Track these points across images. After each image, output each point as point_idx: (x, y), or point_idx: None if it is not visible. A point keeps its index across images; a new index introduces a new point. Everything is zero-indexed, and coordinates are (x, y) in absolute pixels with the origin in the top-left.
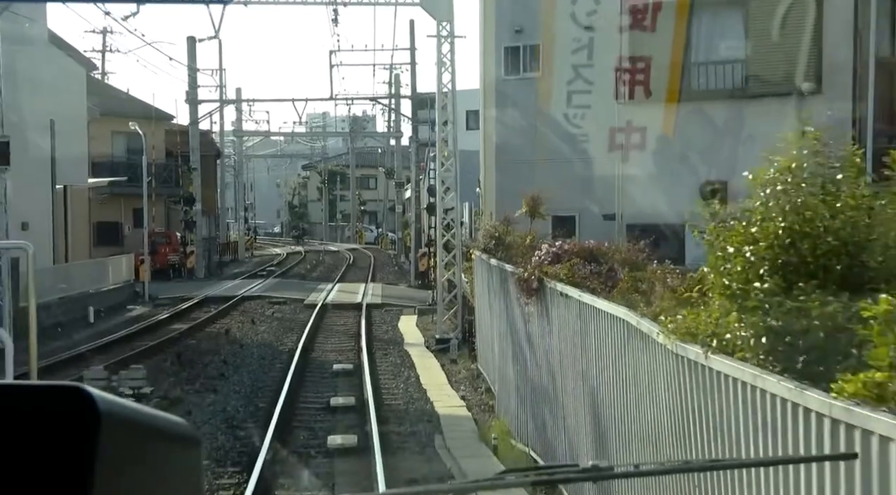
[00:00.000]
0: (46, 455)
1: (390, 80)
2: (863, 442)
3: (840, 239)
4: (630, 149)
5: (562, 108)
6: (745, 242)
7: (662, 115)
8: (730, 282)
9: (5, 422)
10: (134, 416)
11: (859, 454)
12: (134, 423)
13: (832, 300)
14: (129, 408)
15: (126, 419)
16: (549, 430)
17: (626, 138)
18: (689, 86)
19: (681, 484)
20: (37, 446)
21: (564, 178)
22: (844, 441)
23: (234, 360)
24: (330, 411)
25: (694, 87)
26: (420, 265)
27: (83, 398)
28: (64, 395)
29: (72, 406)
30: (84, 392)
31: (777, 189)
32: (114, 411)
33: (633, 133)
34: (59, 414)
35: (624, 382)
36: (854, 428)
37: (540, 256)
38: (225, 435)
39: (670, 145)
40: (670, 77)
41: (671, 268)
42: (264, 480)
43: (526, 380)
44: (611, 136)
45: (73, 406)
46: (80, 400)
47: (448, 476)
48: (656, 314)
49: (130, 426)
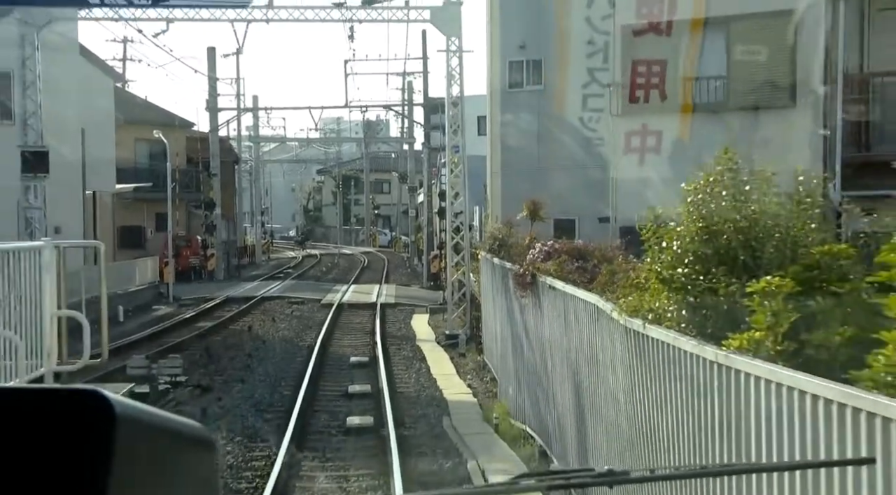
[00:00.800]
0: (63, 457)
1: (403, 87)
2: (736, 378)
3: (744, 235)
4: (622, 158)
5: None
6: (673, 238)
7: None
8: (661, 269)
9: (24, 425)
10: (150, 420)
11: (876, 457)
12: (150, 427)
13: (735, 281)
14: (146, 412)
15: (142, 423)
16: (541, 408)
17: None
18: (676, 101)
19: (696, 486)
20: (54, 448)
21: (565, 185)
22: (724, 378)
23: (258, 354)
24: (348, 397)
25: (681, 101)
26: (432, 267)
27: (100, 401)
28: (81, 398)
29: (89, 409)
30: (101, 395)
31: (698, 197)
32: (130, 415)
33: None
34: (76, 416)
35: (594, 355)
36: (731, 369)
37: (534, 254)
38: (254, 418)
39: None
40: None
41: (634, 262)
42: (291, 454)
43: (523, 365)
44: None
45: (91, 409)
46: (97, 404)
47: (453, 448)
48: (616, 298)
49: (146, 430)
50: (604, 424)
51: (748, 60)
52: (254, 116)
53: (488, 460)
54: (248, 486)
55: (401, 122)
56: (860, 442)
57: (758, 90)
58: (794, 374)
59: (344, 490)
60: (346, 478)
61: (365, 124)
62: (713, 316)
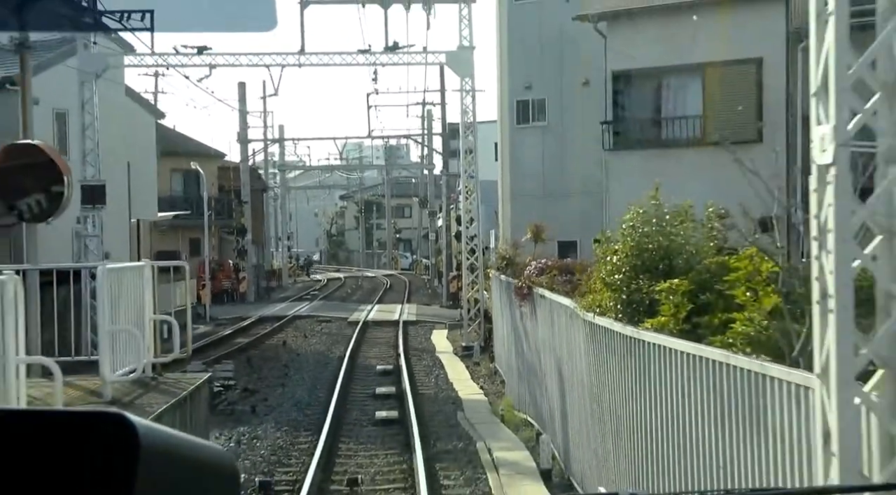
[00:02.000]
0: (87, 481)
1: (423, 115)
2: (640, 346)
3: (663, 251)
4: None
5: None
6: (613, 253)
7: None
8: (605, 276)
9: (48, 448)
10: (174, 446)
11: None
12: (174, 453)
13: (654, 284)
14: (170, 437)
15: (166, 448)
16: (537, 398)
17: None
18: (657, 137)
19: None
20: (78, 472)
21: (568, 210)
22: (637, 347)
23: (294, 364)
24: (375, 397)
25: (663, 137)
26: (451, 287)
27: (125, 426)
28: (106, 423)
29: (113, 433)
30: (125, 420)
31: (630, 225)
32: (154, 440)
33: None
34: (100, 440)
35: (568, 347)
36: (641, 341)
37: (530, 270)
38: (297, 412)
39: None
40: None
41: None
42: (330, 439)
43: (523, 364)
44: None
45: (115, 433)
46: (122, 428)
47: (465, 434)
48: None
49: (170, 455)
50: (580, 405)
51: (721, 101)
52: (279, 146)
53: (493, 441)
54: (297, 462)
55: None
56: (710, 378)
57: (729, 127)
58: (677, 341)
59: (374, 465)
60: (374, 459)
61: (386, 151)
62: (637, 307)
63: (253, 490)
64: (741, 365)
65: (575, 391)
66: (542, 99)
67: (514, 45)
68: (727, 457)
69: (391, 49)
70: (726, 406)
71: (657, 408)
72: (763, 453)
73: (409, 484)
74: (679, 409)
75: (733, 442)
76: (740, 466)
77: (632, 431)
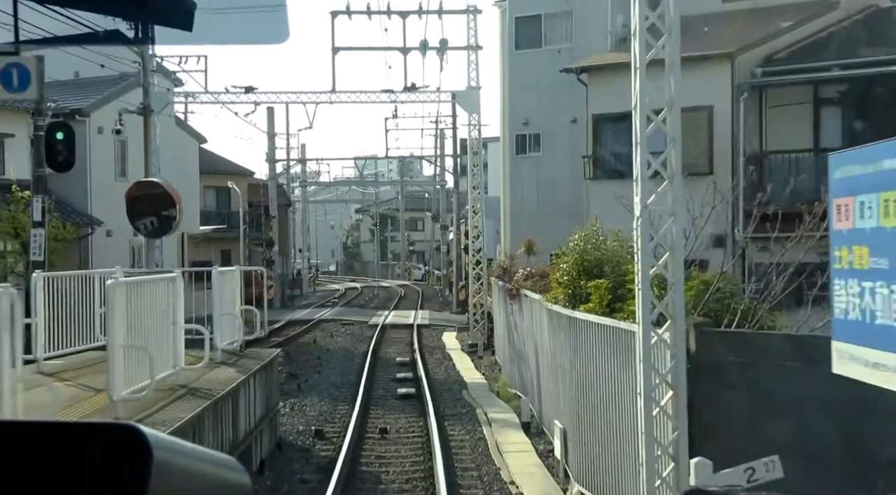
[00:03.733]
0: (99, 493)
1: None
2: (574, 322)
3: (598, 261)
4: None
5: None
6: (563, 263)
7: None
8: (559, 278)
9: (61, 460)
10: (186, 457)
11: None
12: (186, 464)
13: (590, 283)
14: (182, 449)
15: (178, 460)
16: (523, 375)
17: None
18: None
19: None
20: (90, 483)
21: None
22: (573, 323)
23: (326, 357)
24: (396, 380)
25: None
26: (460, 295)
27: (137, 438)
28: (119, 434)
29: (126, 445)
30: (138, 431)
31: (574, 243)
32: (166, 451)
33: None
34: (113, 452)
35: (539, 328)
36: (575, 319)
37: (518, 276)
38: (335, 390)
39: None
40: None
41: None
42: (363, 407)
43: (514, 350)
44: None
45: (127, 445)
46: (134, 440)
47: (467, 404)
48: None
49: (182, 467)
50: (548, 372)
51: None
52: (301, 165)
53: (489, 408)
54: (339, 425)
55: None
56: (605, 335)
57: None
58: (590, 315)
59: (398, 423)
60: (397, 420)
61: (400, 168)
62: (577, 298)
63: (310, 436)
64: (615, 325)
65: (544, 361)
66: (538, 133)
67: (514, 87)
68: (614, 374)
69: (410, 89)
70: (612, 347)
71: (581, 359)
72: (626, 367)
73: (424, 434)
74: (592, 355)
75: (616, 366)
76: (620, 377)
77: (569, 378)
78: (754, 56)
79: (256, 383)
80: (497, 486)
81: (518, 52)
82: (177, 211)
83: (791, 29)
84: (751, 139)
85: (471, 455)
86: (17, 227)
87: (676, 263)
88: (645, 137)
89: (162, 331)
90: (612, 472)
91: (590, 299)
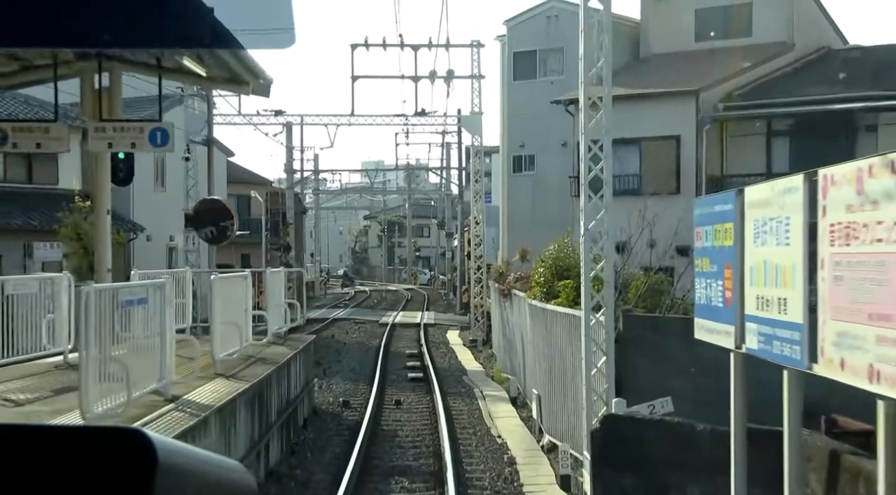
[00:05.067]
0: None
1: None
2: (546, 312)
3: (567, 266)
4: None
5: (548, 194)
6: (540, 267)
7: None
8: (537, 279)
9: (65, 464)
10: (191, 462)
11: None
12: (191, 470)
13: (559, 282)
14: (188, 454)
15: (184, 465)
16: (513, 360)
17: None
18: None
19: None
20: (95, 487)
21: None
22: (545, 313)
23: (344, 349)
24: (406, 368)
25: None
26: (463, 298)
27: (142, 441)
28: (124, 439)
29: (131, 450)
30: (143, 436)
31: (550, 252)
32: (171, 457)
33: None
34: (117, 457)
35: (523, 320)
36: (546, 309)
37: (510, 279)
38: (354, 374)
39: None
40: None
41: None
42: (380, 386)
43: (506, 341)
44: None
45: (132, 449)
46: (139, 444)
47: (466, 385)
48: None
49: (188, 472)
50: (535, 362)
51: (652, 163)
52: (314, 176)
53: (484, 388)
54: (361, 399)
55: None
56: (563, 320)
57: (657, 182)
58: (556, 307)
59: (409, 398)
60: (409, 395)
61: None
62: (550, 295)
63: (339, 405)
64: (570, 312)
65: (528, 346)
66: (532, 154)
67: (512, 113)
68: (570, 348)
69: (420, 113)
70: (569, 329)
71: (550, 340)
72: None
73: (430, 405)
74: (557, 336)
75: (571, 342)
76: (573, 350)
77: (543, 356)
78: (717, 92)
79: (300, 359)
80: (487, 439)
81: (516, 82)
82: (231, 222)
83: (750, 69)
84: (713, 164)
85: (468, 419)
86: (80, 233)
87: (608, 268)
88: (586, 181)
89: (240, 314)
90: (566, 420)
91: (559, 295)
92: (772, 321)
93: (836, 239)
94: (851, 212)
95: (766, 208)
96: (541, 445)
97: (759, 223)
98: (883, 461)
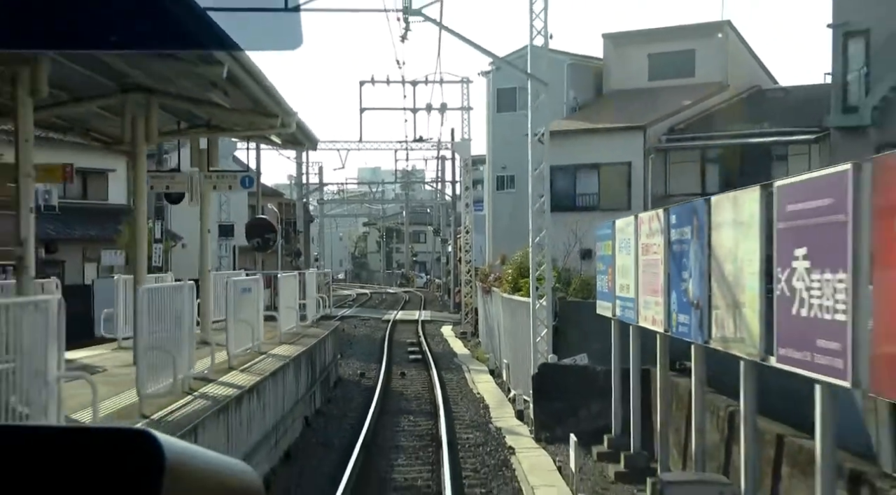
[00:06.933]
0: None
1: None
2: (512, 302)
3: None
4: None
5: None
6: (509, 269)
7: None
8: (506, 277)
9: (74, 465)
10: (199, 463)
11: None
12: (199, 470)
13: (523, 279)
14: (194, 453)
15: (192, 465)
16: (493, 343)
17: None
18: (574, 205)
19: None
20: (103, 488)
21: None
22: (510, 303)
23: (353, 339)
24: (408, 352)
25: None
26: (456, 299)
27: (150, 443)
28: (132, 440)
29: (139, 450)
30: (151, 436)
31: (518, 258)
32: (180, 457)
33: None
34: (125, 457)
35: (498, 310)
36: (511, 300)
37: (490, 279)
38: (365, 357)
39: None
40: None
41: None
42: (388, 368)
43: (488, 327)
44: None
45: (140, 450)
46: (147, 445)
47: (457, 364)
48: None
49: (196, 472)
50: (506, 340)
51: (608, 185)
52: (319, 186)
53: (470, 365)
54: (374, 373)
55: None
56: (524, 307)
57: (612, 200)
58: (520, 298)
59: (412, 372)
60: (410, 370)
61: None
62: (515, 289)
63: (357, 376)
64: (525, 300)
65: (502, 329)
66: (513, 175)
67: (496, 140)
68: (525, 325)
69: (418, 140)
70: (525, 312)
71: (514, 321)
72: (527, 320)
73: (428, 377)
74: (517, 318)
75: (526, 322)
76: (526, 326)
77: (510, 334)
78: (662, 126)
79: (330, 337)
80: (469, 395)
81: (499, 113)
82: (274, 235)
83: (691, 105)
84: (657, 185)
85: (457, 385)
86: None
87: (548, 269)
88: (533, 210)
89: (294, 302)
90: (523, 377)
91: (522, 289)
92: (624, 298)
93: (643, 251)
94: (648, 237)
95: (623, 233)
96: (509, 398)
97: (621, 241)
98: (660, 373)
